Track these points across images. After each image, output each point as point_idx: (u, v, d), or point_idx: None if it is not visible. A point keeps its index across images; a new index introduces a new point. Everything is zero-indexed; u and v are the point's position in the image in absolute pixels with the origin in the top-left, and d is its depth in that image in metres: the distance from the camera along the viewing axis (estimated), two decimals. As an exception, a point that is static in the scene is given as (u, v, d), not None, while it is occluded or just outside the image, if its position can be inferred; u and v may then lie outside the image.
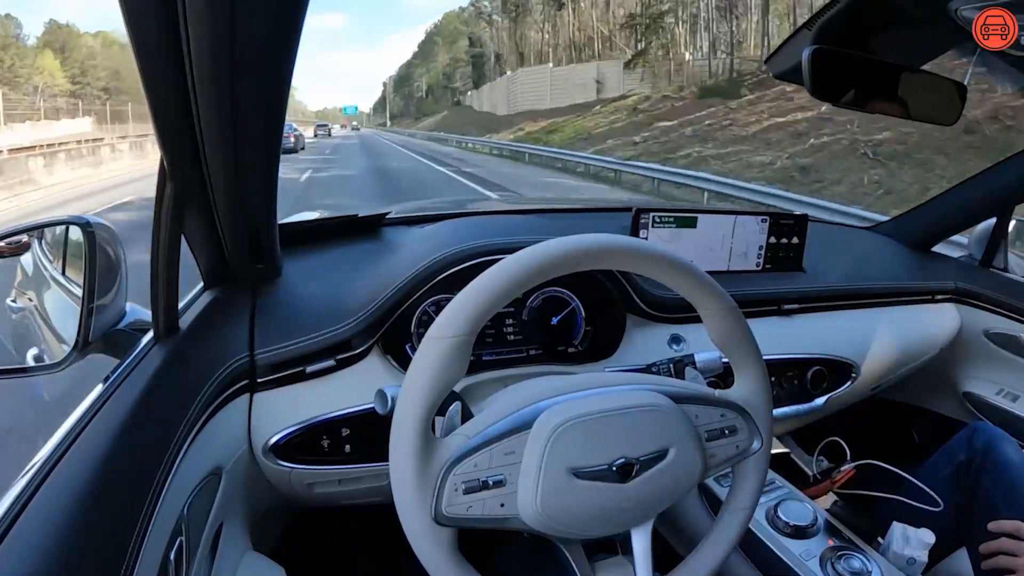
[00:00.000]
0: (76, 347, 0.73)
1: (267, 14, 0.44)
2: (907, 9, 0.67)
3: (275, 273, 0.88)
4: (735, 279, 1.08)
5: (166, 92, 0.49)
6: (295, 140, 22.89)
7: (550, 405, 0.49)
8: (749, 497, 0.58)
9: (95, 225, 0.75)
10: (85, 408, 0.59)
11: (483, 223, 1.12)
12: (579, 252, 0.48)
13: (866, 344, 1.15)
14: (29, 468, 0.51)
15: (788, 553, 0.79)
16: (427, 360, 0.45)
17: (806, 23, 0.71)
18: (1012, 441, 0.96)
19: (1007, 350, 1.27)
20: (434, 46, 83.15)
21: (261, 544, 0.83)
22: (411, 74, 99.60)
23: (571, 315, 0.94)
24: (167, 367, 0.67)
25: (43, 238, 0.96)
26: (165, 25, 0.43)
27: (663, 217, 1.02)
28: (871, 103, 0.74)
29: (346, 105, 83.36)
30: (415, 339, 0.87)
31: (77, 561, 0.45)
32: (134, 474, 0.54)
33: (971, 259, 1.38)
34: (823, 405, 1.09)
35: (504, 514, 0.47)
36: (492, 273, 0.46)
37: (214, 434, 0.68)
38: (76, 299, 0.75)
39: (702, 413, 0.54)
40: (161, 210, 0.63)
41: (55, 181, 12.02)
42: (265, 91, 0.52)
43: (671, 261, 0.52)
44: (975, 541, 0.87)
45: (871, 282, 1.22)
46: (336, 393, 0.79)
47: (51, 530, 0.46)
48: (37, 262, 0.97)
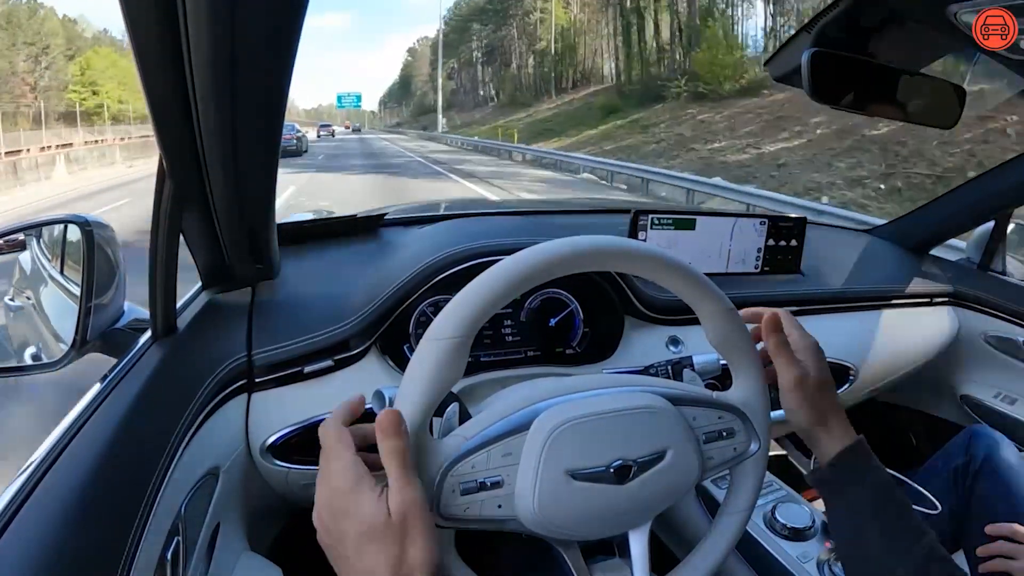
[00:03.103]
0: (74, 346, 0.73)
1: (267, 14, 0.44)
2: (906, 12, 0.68)
3: (273, 273, 0.88)
4: (733, 281, 1.08)
5: (165, 91, 0.49)
6: (297, 142, 21.36)
7: (548, 406, 0.49)
8: (747, 499, 0.58)
9: (93, 224, 0.75)
10: (82, 407, 0.59)
11: (482, 224, 1.12)
12: (577, 254, 0.48)
13: (864, 347, 1.15)
14: (26, 467, 0.51)
15: (786, 555, 0.79)
16: (425, 361, 0.44)
17: (805, 26, 0.71)
18: (1010, 444, 0.96)
19: (1005, 354, 1.27)
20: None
21: (258, 544, 0.83)
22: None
23: (569, 317, 0.94)
24: (165, 367, 0.67)
25: (41, 237, 0.96)
26: (165, 25, 0.43)
27: (662, 219, 1.02)
28: (870, 106, 0.74)
29: (341, 93, 60.72)
30: (413, 340, 0.87)
31: (73, 560, 0.45)
32: (131, 473, 0.54)
33: (969, 262, 1.38)
34: None
35: (501, 515, 0.47)
36: (490, 274, 0.46)
37: (211, 434, 0.68)
38: (74, 298, 0.75)
39: (700, 415, 0.54)
40: (159, 209, 0.63)
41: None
42: (265, 91, 0.52)
43: (669, 263, 0.52)
44: (973, 544, 0.87)
45: (869, 285, 1.22)
46: (334, 393, 0.79)
47: (48, 529, 0.45)
48: (35, 260, 0.97)
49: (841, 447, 0.53)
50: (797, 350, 0.56)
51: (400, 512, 0.40)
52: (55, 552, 0.44)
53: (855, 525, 0.52)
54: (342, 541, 0.41)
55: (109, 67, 48.79)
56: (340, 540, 0.41)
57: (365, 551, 0.40)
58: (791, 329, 0.57)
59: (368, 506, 0.40)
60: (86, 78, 47.52)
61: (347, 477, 0.41)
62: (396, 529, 0.40)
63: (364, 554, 0.40)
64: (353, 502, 0.41)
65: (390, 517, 0.40)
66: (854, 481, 0.53)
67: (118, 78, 48.12)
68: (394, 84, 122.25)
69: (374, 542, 0.40)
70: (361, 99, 58.56)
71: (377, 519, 0.40)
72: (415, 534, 0.40)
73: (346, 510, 0.41)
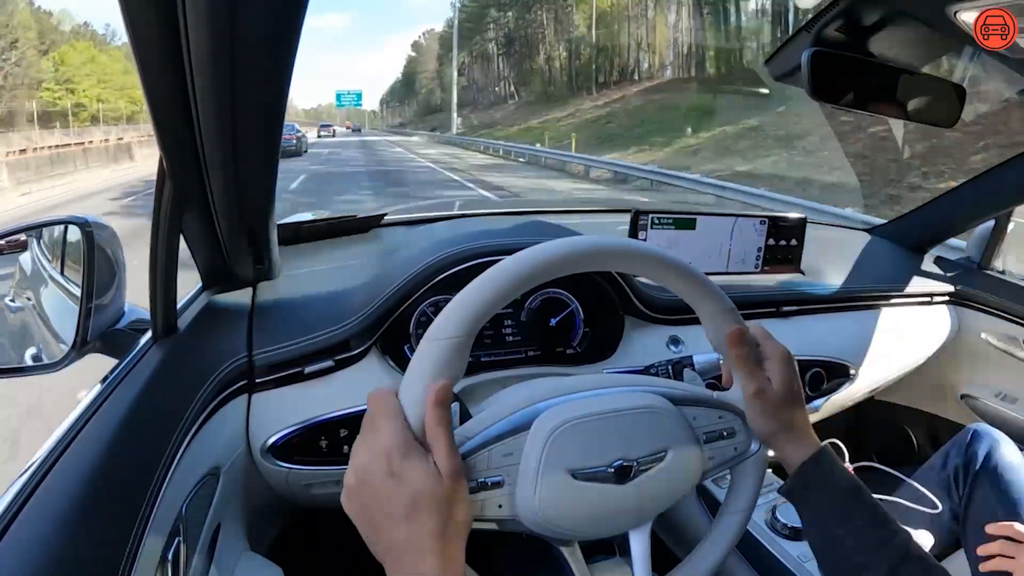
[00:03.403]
0: (74, 347, 0.73)
1: (267, 14, 0.44)
2: (906, 11, 0.68)
3: (274, 273, 0.88)
4: (734, 281, 1.08)
5: (165, 92, 0.49)
6: (297, 142, 21.10)
7: (549, 406, 0.49)
8: (747, 499, 0.58)
9: (94, 224, 0.75)
10: (83, 408, 0.59)
11: (482, 224, 1.12)
12: (577, 253, 0.48)
13: (864, 346, 1.15)
14: (27, 468, 0.51)
15: (786, 555, 0.79)
16: (426, 360, 0.44)
17: (805, 25, 0.71)
18: (1010, 443, 0.96)
19: (1005, 353, 1.27)
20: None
21: (259, 544, 0.83)
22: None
23: (570, 316, 0.94)
24: (165, 367, 0.67)
25: (42, 237, 0.96)
26: (165, 25, 0.43)
27: (662, 219, 1.02)
28: (870, 105, 0.74)
29: (340, 91, 54.30)
30: (413, 340, 0.87)
31: (75, 561, 0.45)
32: (132, 474, 0.54)
33: (969, 262, 1.38)
34: (821, 407, 1.10)
35: (502, 515, 0.47)
36: (490, 274, 0.46)
37: (212, 434, 0.68)
38: (74, 299, 0.75)
39: (700, 415, 0.54)
40: (160, 210, 0.63)
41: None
42: (265, 91, 0.52)
43: (669, 263, 0.52)
44: (973, 543, 0.87)
45: (869, 284, 1.22)
46: (334, 394, 0.79)
47: (49, 530, 0.45)
48: (36, 261, 0.97)
49: (805, 457, 0.54)
50: (766, 359, 0.56)
51: (451, 479, 0.41)
52: (57, 552, 0.44)
53: (825, 532, 0.53)
54: (392, 506, 0.41)
55: (87, 63, 45.29)
56: (379, 507, 0.41)
57: (413, 517, 0.40)
58: (764, 340, 0.57)
59: (422, 472, 0.41)
60: (60, 75, 44.18)
61: (399, 442, 0.42)
62: (446, 496, 0.41)
63: (410, 520, 0.40)
64: (407, 467, 0.41)
65: (440, 481, 0.41)
66: (819, 489, 0.54)
67: (96, 75, 45.04)
68: (396, 82, 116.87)
69: (424, 509, 0.40)
70: (362, 97, 53.23)
71: (432, 487, 0.40)
72: (459, 500, 0.42)
73: (399, 475, 0.41)
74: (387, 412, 0.43)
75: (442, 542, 0.40)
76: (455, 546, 0.41)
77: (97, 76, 45.44)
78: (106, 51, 50.56)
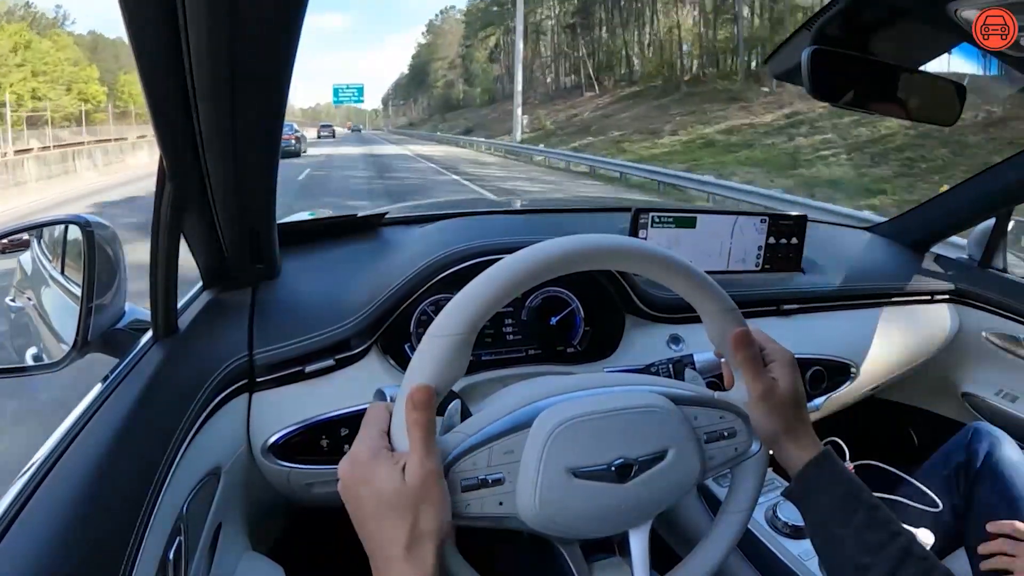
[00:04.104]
0: (75, 346, 0.73)
1: (267, 15, 0.44)
2: (906, 9, 0.68)
3: (274, 273, 0.88)
4: (734, 279, 1.08)
5: (165, 92, 0.49)
6: (296, 142, 21.03)
7: (549, 405, 0.49)
8: (748, 499, 0.58)
9: (94, 224, 0.75)
10: (84, 408, 0.59)
11: (482, 223, 1.12)
12: (578, 252, 0.48)
13: (865, 345, 1.15)
14: (28, 468, 0.51)
15: (787, 553, 0.79)
16: (427, 358, 0.45)
17: (805, 23, 0.71)
18: (1011, 442, 0.96)
19: (1006, 351, 1.27)
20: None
21: (260, 544, 0.83)
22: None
23: (570, 315, 0.94)
24: (166, 367, 0.67)
25: (42, 237, 0.96)
26: (165, 26, 0.43)
27: (662, 217, 1.02)
28: (870, 103, 0.74)
29: (338, 86, 45.90)
30: (414, 339, 0.87)
31: (76, 560, 0.45)
32: (133, 474, 0.54)
33: (970, 260, 1.38)
34: (822, 405, 1.09)
35: (502, 513, 0.47)
36: (491, 273, 0.46)
37: (213, 434, 0.68)
38: (75, 298, 0.75)
39: (701, 415, 0.54)
40: (160, 210, 0.63)
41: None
42: (265, 91, 0.52)
43: (670, 262, 0.52)
44: (974, 542, 0.87)
45: (870, 283, 1.22)
46: (335, 393, 0.79)
47: (50, 529, 0.46)
48: (36, 261, 0.97)
49: (807, 459, 0.54)
50: (771, 362, 0.56)
51: (415, 481, 0.42)
52: (58, 552, 0.44)
53: (827, 533, 0.53)
54: (362, 508, 0.43)
55: (17, 50, 32.57)
56: (360, 507, 0.43)
57: (384, 518, 0.42)
58: (766, 343, 0.57)
59: (384, 474, 0.42)
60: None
61: (368, 446, 0.44)
62: (411, 497, 0.42)
63: (384, 520, 0.42)
64: (370, 470, 0.43)
65: (404, 485, 0.42)
66: (821, 491, 0.54)
67: (32, 65, 33.04)
68: (402, 77, 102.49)
69: (392, 509, 0.42)
70: (363, 91, 43.62)
71: (392, 486, 0.42)
72: (427, 504, 0.42)
73: (365, 478, 0.43)
74: (368, 418, 0.46)
75: (407, 550, 0.41)
76: (422, 554, 0.42)
77: (32, 67, 33.58)
78: (50, 36, 39.23)
